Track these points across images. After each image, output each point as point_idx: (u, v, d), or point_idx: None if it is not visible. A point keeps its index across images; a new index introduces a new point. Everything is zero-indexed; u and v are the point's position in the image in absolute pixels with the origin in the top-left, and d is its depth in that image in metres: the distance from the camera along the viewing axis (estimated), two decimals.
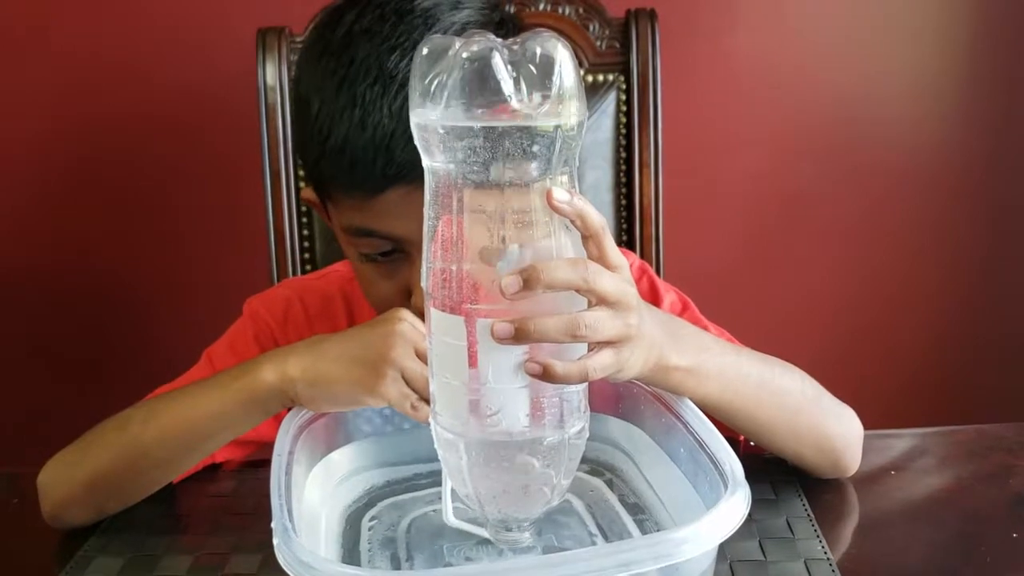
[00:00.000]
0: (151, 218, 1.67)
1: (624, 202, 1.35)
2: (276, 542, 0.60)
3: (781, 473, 0.88)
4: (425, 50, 0.61)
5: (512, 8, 1.26)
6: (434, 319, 0.63)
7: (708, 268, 1.64)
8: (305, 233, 1.35)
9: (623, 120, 1.34)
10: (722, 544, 0.61)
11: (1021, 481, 0.89)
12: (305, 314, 1.01)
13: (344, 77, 0.77)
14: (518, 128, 0.58)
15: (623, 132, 1.34)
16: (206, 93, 1.59)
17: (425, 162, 0.62)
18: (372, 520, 0.79)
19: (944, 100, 1.65)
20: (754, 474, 0.67)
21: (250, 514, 0.87)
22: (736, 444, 0.78)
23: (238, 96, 1.42)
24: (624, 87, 1.33)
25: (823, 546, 0.78)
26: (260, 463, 0.94)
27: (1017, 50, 1.63)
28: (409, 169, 0.74)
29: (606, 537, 0.74)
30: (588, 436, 0.66)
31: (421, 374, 0.72)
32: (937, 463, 0.94)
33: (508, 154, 0.58)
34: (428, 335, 0.64)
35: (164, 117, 1.61)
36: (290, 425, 0.75)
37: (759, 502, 0.77)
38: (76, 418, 0.90)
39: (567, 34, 1.30)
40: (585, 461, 0.77)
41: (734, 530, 0.60)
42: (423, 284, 0.64)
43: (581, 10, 1.33)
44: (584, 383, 0.65)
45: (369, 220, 0.79)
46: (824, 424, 0.84)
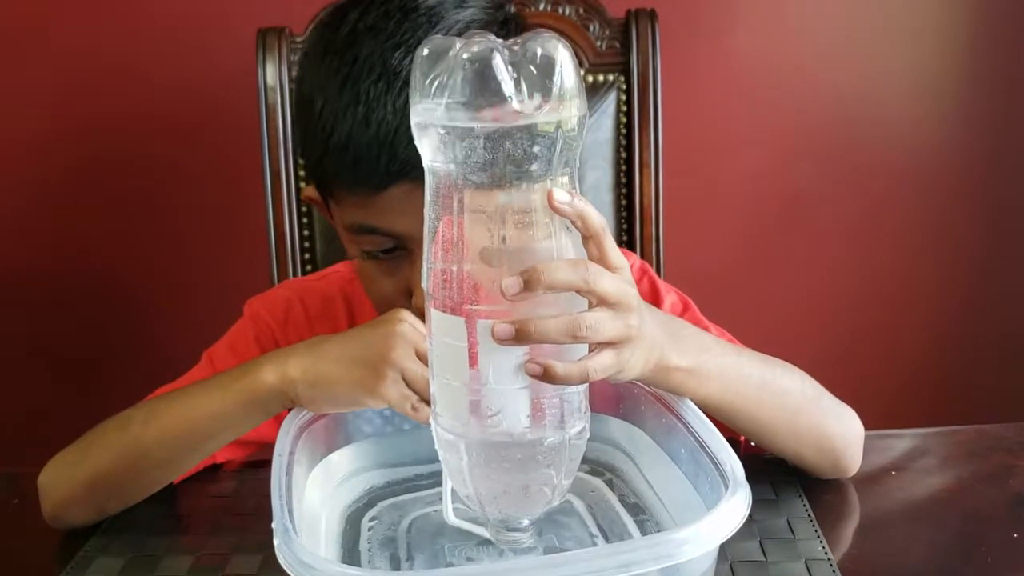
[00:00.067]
0: (151, 218, 1.67)
1: (624, 202, 1.35)
2: (277, 542, 0.60)
3: (781, 473, 0.88)
4: (426, 51, 0.61)
5: (512, 8, 1.26)
6: (435, 320, 0.63)
7: (708, 268, 1.64)
8: (305, 233, 1.35)
9: (623, 120, 1.34)
10: (723, 544, 0.61)
11: (1021, 481, 0.89)
12: (306, 315, 1.01)
13: (348, 74, 0.77)
14: (519, 129, 0.58)
15: (623, 132, 1.34)
16: (206, 93, 1.59)
17: (426, 162, 0.62)
18: (372, 520, 0.78)
19: (944, 100, 1.65)
20: (754, 474, 0.67)
21: (251, 514, 0.87)
22: (736, 444, 0.78)
23: (238, 96, 1.42)
24: (624, 87, 1.33)
25: (824, 546, 0.78)
26: (261, 463, 0.94)
27: (1017, 50, 1.63)
28: (412, 166, 0.74)
29: (607, 538, 0.74)
30: (589, 436, 0.66)
31: (421, 375, 0.72)
32: (937, 463, 0.95)
33: (509, 155, 0.58)
34: (429, 336, 0.64)
35: (164, 117, 1.61)
36: (290, 426, 0.75)
37: (760, 502, 0.77)
38: (76, 418, 0.90)
39: (567, 34, 1.30)
40: (586, 461, 0.77)
41: (735, 531, 0.60)
42: (424, 285, 0.64)
43: (581, 10, 1.33)
44: (585, 384, 0.65)
45: (372, 217, 0.79)
46: (824, 424, 0.84)
